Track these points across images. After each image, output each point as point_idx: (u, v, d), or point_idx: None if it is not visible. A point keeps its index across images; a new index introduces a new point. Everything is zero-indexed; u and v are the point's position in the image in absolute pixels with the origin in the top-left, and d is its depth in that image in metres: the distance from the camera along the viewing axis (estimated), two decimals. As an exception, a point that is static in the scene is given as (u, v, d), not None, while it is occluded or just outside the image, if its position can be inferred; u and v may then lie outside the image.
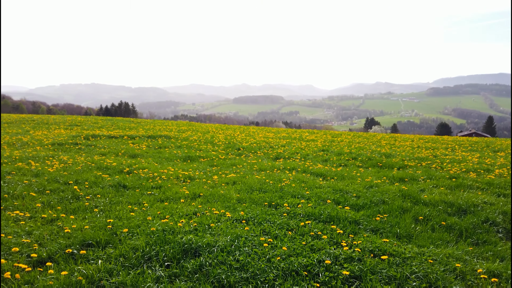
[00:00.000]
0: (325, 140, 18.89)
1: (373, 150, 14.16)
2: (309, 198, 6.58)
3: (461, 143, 18.67)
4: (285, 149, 14.08)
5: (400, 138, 22.34)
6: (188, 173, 8.69)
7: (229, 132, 22.26)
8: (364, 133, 29.85)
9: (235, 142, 15.73)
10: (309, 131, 28.81)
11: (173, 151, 12.51)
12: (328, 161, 11.59)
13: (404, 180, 8.58)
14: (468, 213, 6.04)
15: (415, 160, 11.69)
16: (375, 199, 6.62)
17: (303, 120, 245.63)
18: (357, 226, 5.28)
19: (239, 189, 7.27)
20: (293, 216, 5.58)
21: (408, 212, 6.00)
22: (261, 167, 10.06)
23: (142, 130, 19.62)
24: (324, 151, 13.65)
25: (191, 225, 4.91)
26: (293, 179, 8.24)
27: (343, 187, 7.56)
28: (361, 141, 18.61)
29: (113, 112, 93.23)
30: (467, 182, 8.18)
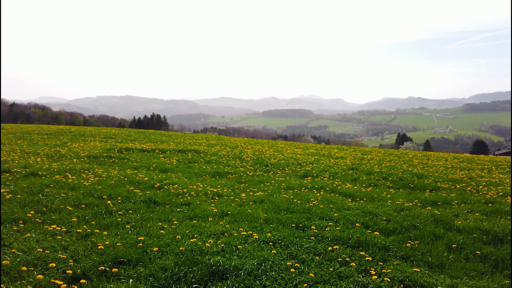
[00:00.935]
0: (354, 157, 18.62)
1: (404, 169, 13.83)
2: (337, 221, 6.50)
3: (499, 164, 17.89)
4: (314, 166, 14.00)
5: (433, 157, 21.68)
6: (216, 190, 8.80)
7: (258, 147, 22.38)
8: (395, 151, 29.18)
9: (263, 158, 15.80)
10: (338, 147, 28.50)
11: (202, 167, 12.71)
12: (358, 181, 11.42)
13: (437, 204, 8.32)
14: (505, 242, 5.78)
15: (449, 181, 11.31)
16: (406, 224, 6.46)
17: (332, 134, 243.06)
18: (386, 252, 5.17)
19: (267, 208, 7.29)
20: (320, 239, 5.53)
21: (441, 239, 5.81)
22: (289, 185, 10.04)
23: (173, 144, 20.07)
24: (353, 170, 13.46)
25: (218, 246, 4.97)
26: (321, 199, 8.18)
27: (372, 209, 7.42)
28: (392, 160, 18.21)
29: (146, 124, 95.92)
30: (504, 208, 7.83)
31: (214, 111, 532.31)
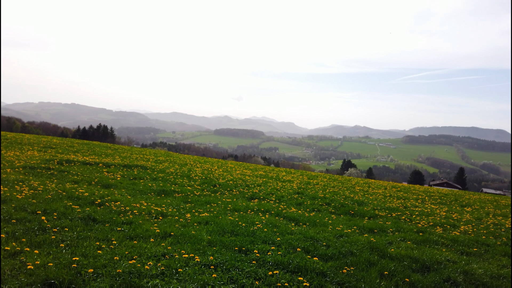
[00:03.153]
0: (301, 181, 19.11)
1: (346, 196, 14.42)
2: (280, 245, 6.64)
3: (431, 194, 19.23)
4: (261, 188, 14.17)
5: (374, 184, 22.82)
6: (161, 209, 8.62)
7: (207, 166, 22.24)
8: (340, 177, 30.34)
9: (212, 177, 15.74)
10: (286, 170, 29.08)
11: (148, 184, 12.40)
12: (302, 205, 11.72)
13: (374, 231, 8.76)
14: (431, 270, 6.22)
15: (386, 210, 11.97)
16: (344, 250, 6.74)
17: (282, 157, 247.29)
18: (324, 278, 5.35)
19: (211, 230, 7.26)
20: (262, 264, 5.61)
21: (375, 266, 6.13)
22: (235, 207, 10.08)
23: (119, 158, 19.39)
24: (299, 194, 13.81)
25: (158, 268, 4.87)
26: (266, 223, 8.30)
27: (314, 234, 7.66)
28: (336, 185, 18.91)
29: (91, 135, 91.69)
30: (433, 238, 8.43)
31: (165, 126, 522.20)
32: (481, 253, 7.71)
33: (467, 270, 6.26)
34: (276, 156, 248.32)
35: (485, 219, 12.17)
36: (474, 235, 9.28)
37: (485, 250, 7.94)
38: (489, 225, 11.00)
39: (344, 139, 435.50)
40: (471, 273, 6.15)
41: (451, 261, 6.75)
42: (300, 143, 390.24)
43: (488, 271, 6.31)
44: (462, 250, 7.72)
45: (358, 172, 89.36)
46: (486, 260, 7.20)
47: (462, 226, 10.32)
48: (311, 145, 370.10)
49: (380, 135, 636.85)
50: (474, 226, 10.56)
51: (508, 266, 6.95)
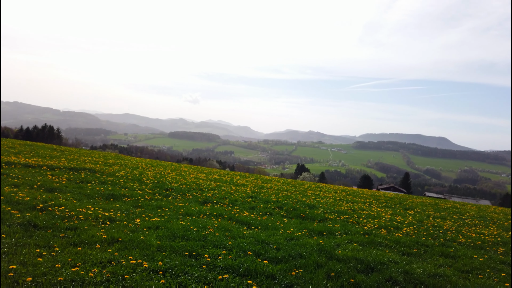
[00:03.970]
0: (255, 185, 19.26)
1: (299, 199, 14.75)
2: (231, 249, 6.65)
3: (378, 198, 20.16)
4: (215, 192, 14.11)
5: (325, 188, 23.51)
6: (109, 214, 8.31)
7: (160, 169, 21.77)
8: (293, 181, 30.92)
9: (165, 181, 15.43)
10: (241, 174, 29.16)
11: (96, 187, 11.91)
12: (255, 209, 11.82)
13: (323, 234, 9.04)
14: (375, 270, 6.52)
15: (336, 213, 12.38)
16: (294, 253, 6.89)
17: (238, 160, 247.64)
18: (273, 281, 5.44)
19: (161, 235, 7.13)
20: (212, 268, 5.59)
21: (322, 267, 6.32)
22: (187, 211, 9.95)
23: (65, 160, 18.44)
24: (252, 198, 13.91)
25: (103, 275, 4.70)
26: (218, 227, 8.27)
27: (265, 238, 7.75)
28: (289, 189, 19.26)
29: (35, 136, 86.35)
30: (378, 239, 8.85)
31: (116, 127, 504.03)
32: (421, 253, 8.21)
33: (408, 270, 6.63)
34: (232, 160, 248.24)
35: (426, 221, 12.96)
36: (415, 236, 9.86)
37: (424, 251, 8.46)
38: (429, 227, 11.73)
39: (299, 144, 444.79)
40: (410, 273, 6.52)
41: (393, 261, 7.12)
42: (256, 147, 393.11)
43: (426, 270, 6.73)
44: (404, 251, 8.18)
45: (311, 176, 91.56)
46: (425, 260, 7.67)
47: (405, 228, 10.92)
48: (266, 149, 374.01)
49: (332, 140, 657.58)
50: (415, 228, 11.21)
51: (444, 265, 7.46)
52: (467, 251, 8.76)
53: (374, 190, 41.25)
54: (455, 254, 8.32)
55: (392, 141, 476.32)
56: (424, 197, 37.23)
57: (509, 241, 10.52)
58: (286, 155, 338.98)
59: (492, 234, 11.59)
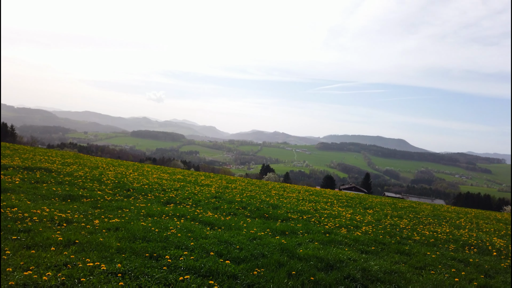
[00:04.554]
0: (219, 185, 19.19)
1: (262, 199, 14.86)
2: (193, 250, 6.61)
3: (340, 198, 20.69)
4: (178, 193, 13.93)
5: (289, 188, 23.83)
6: (65, 215, 8.00)
7: (121, 169, 21.18)
8: (258, 181, 31.10)
9: (126, 181, 15.03)
10: (205, 175, 28.96)
11: (53, 188, 11.41)
12: (219, 209, 11.79)
13: (285, 233, 9.17)
14: (334, 268, 6.71)
15: (298, 213, 12.59)
16: (256, 252, 6.95)
17: (203, 160, 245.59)
18: (234, 280, 5.46)
19: (121, 236, 6.95)
20: (173, 269, 5.53)
21: (284, 266, 6.42)
22: (149, 212, 9.77)
23: (19, 160, 17.52)
24: (216, 198, 13.85)
25: (58, 279, 4.53)
26: (180, 228, 8.18)
27: (228, 238, 7.76)
28: (253, 190, 19.35)
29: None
30: (338, 238, 9.09)
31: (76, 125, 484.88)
32: (378, 251, 8.52)
33: (365, 267, 6.87)
34: (197, 160, 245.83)
35: (384, 220, 13.46)
36: (373, 235, 10.22)
37: (382, 248, 8.79)
38: (386, 225, 12.20)
39: (264, 145, 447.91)
40: (368, 270, 6.76)
41: (352, 259, 7.35)
42: (221, 147, 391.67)
43: (382, 267, 7.00)
44: (362, 249, 8.45)
45: (276, 177, 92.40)
46: (382, 258, 7.97)
47: (364, 227, 11.29)
48: (232, 150, 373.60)
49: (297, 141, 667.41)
50: (374, 226, 11.62)
51: (399, 262, 7.79)
52: (421, 248, 9.19)
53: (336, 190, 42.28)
54: (410, 251, 8.70)
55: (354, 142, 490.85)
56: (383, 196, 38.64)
57: (460, 238, 11.14)
58: (252, 156, 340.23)
59: (445, 232, 12.22)
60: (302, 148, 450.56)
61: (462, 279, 6.87)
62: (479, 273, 7.49)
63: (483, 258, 8.88)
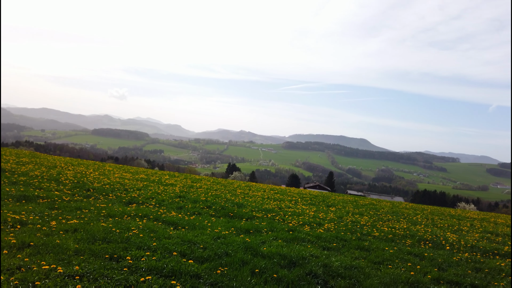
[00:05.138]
0: (184, 185, 18.97)
1: (228, 198, 14.84)
2: (156, 250, 6.50)
3: (304, 196, 21.05)
4: (141, 193, 13.63)
5: (254, 187, 23.95)
6: (19, 217, 7.62)
7: (81, 168, 20.43)
8: (223, 180, 31.03)
9: (86, 181, 14.52)
10: (170, 174, 28.52)
11: (6, 188, 10.83)
12: (183, 209, 11.66)
13: (250, 232, 9.22)
14: (297, 265, 6.83)
15: (263, 211, 12.69)
16: (220, 251, 6.94)
17: (168, 159, 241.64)
18: (197, 280, 5.43)
19: (80, 238, 6.72)
20: (134, 270, 5.42)
21: (247, 264, 6.46)
22: (110, 212, 9.49)
23: (-32, 158, 16.48)
24: (181, 198, 13.69)
25: (11, 283, 4.32)
26: (142, 228, 8.03)
27: (192, 237, 7.70)
28: (218, 189, 19.28)
29: None
30: (301, 235, 9.26)
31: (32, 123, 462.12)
32: (340, 247, 8.76)
33: (327, 263, 7.04)
34: (161, 159, 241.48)
35: (346, 217, 13.84)
36: (335, 231, 10.49)
37: (343, 245, 9.05)
38: (348, 222, 12.55)
39: (230, 143, 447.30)
40: (329, 266, 6.94)
41: (314, 256, 7.51)
42: (187, 146, 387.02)
43: (343, 263, 7.21)
44: (324, 245, 8.66)
45: (242, 176, 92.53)
46: (342, 254, 8.20)
47: (326, 224, 11.56)
48: (197, 148, 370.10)
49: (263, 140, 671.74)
50: (336, 224, 11.92)
51: (359, 257, 8.05)
52: (380, 244, 9.54)
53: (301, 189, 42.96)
54: (370, 247, 9.01)
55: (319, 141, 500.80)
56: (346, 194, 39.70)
57: (416, 234, 11.66)
58: (218, 155, 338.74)
59: (402, 228, 12.75)
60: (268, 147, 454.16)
61: (417, 273, 7.21)
62: (433, 266, 7.88)
63: (437, 252, 9.35)
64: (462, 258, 8.85)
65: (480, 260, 8.81)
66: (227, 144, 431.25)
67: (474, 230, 14.46)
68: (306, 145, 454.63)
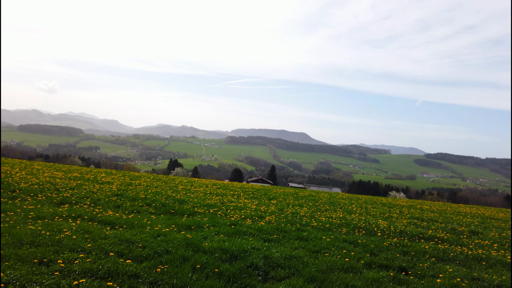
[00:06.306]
0: (122, 182, 18.24)
1: (169, 195, 14.54)
2: (90, 252, 6.20)
3: (246, 190, 21.28)
4: (74, 192, 12.87)
5: (197, 183, 23.72)
6: None
7: (5, 168, 18.79)
8: (164, 176, 30.33)
9: (11, 182, 13.38)
10: (106, 171, 27.25)
11: None
12: (121, 207, 11.22)
13: (191, 228, 9.13)
14: (238, 258, 6.91)
15: (205, 207, 12.62)
16: (160, 249, 6.80)
17: (104, 157, 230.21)
18: (136, 280, 5.28)
19: (4, 243, 6.20)
20: (67, 274, 5.13)
21: (189, 261, 6.40)
22: (39, 214, 8.85)
23: None
24: (118, 196, 13.15)
25: None
26: (76, 229, 7.60)
27: (130, 237, 7.44)
28: (159, 186, 18.82)
29: None
30: (243, 229, 9.36)
31: None
32: (280, 238, 9.00)
33: (267, 255, 7.20)
34: (98, 156, 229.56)
35: (286, 209, 14.23)
36: (276, 224, 10.74)
37: (283, 236, 9.31)
38: (288, 214, 12.92)
39: (172, 139, 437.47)
40: (270, 257, 7.10)
41: (256, 248, 7.64)
42: (125, 142, 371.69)
43: (283, 254, 7.42)
44: (265, 237, 8.85)
45: (184, 172, 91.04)
46: (283, 245, 8.44)
47: (268, 216, 11.80)
48: (137, 145, 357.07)
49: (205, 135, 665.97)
50: (277, 216, 12.22)
51: (298, 247, 8.33)
52: (318, 233, 9.96)
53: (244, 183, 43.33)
54: (308, 237, 9.36)
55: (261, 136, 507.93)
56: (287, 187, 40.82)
57: (351, 222, 12.32)
58: (159, 150, 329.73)
59: (339, 217, 13.40)
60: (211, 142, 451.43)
61: (351, 259, 7.64)
62: (365, 252, 8.40)
63: (369, 238, 9.97)
64: (392, 243, 9.52)
65: (407, 244, 9.55)
66: (168, 140, 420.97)
67: (403, 217, 15.62)
68: (248, 140, 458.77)
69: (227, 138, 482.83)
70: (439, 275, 7.03)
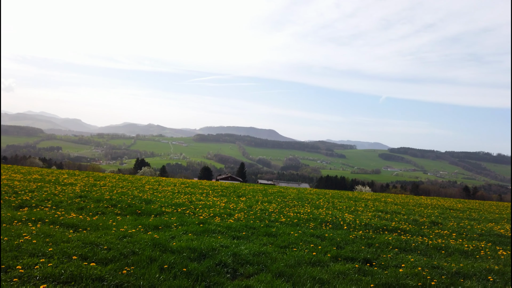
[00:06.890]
0: (86, 183, 17.66)
1: (135, 195, 14.24)
2: (52, 256, 5.97)
3: (215, 188, 21.18)
4: (34, 195, 12.33)
5: (164, 182, 23.35)
6: None
7: (-42, 171, 17.72)
8: (130, 176, 29.65)
9: (-36, 186, 12.64)
10: (69, 172, 26.29)
11: None
12: (85, 209, 10.86)
13: (159, 228, 8.99)
14: (207, 257, 6.88)
15: (173, 206, 12.45)
16: (126, 251, 6.65)
17: (67, 157, 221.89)
18: (101, 283, 5.14)
19: (-43, 251, 5.85)
20: (27, 280, 4.92)
21: (156, 261, 6.30)
22: (-4, 219, 8.42)
23: None
24: (81, 198, 12.72)
25: None
26: (36, 233, 7.29)
27: (95, 239, 7.23)
28: (125, 186, 18.38)
29: None
30: (212, 227, 9.32)
31: None
32: (249, 235, 9.04)
33: (236, 252, 7.21)
34: (60, 156, 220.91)
35: (255, 206, 14.30)
36: (245, 221, 10.78)
37: (252, 233, 9.35)
38: (257, 211, 12.99)
39: (138, 138, 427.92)
40: (239, 254, 7.12)
41: (224, 246, 7.64)
42: (89, 141, 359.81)
43: (252, 250, 7.46)
44: (234, 235, 8.85)
45: (151, 171, 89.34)
46: (252, 241, 8.48)
47: (237, 214, 11.82)
48: (101, 144, 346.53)
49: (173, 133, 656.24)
50: (246, 213, 12.25)
51: (267, 243, 8.40)
52: (286, 229, 10.08)
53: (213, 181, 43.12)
54: (277, 233, 9.46)
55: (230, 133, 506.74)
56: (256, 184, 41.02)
57: (318, 217, 12.56)
58: (125, 150, 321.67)
59: (307, 212, 13.63)
60: (179, 140, 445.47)
61: (318, 253, 7.79)
62: (332, 245, 8.59)
63: (336, 232, 10.20)
64: (357, 236, 9.80)
65: (372, 236, 9.86)
66: (134, 139, 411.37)
67: (368, 210, 16.11)
68: (217, 137, 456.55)
69: (195, 136, 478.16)
70: (401, 265, 7.31)
